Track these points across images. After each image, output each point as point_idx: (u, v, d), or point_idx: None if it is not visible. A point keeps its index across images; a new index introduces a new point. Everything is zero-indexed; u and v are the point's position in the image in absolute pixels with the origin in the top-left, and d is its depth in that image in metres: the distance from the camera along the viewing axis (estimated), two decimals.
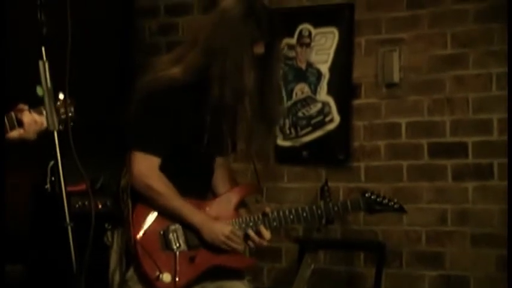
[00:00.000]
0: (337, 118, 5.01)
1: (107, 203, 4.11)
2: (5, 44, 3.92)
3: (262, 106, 3.01)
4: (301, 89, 5.13)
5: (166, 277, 2.89)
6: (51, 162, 3.99)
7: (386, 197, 3.33)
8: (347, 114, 4.99)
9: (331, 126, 5.04)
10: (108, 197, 3.99)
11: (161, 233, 2.96)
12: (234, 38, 2.92)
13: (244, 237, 3.06)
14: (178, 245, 2.96)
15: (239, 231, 3.04)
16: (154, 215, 2.97)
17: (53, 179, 4.31)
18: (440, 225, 4.72)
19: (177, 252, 2.93)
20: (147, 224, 2.95)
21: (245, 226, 3.07)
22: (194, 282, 2.98)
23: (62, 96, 2.49)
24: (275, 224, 3.10)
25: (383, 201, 3.30)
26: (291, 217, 3.13)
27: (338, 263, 5.00)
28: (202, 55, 2.95)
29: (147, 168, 2.93)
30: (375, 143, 4.93)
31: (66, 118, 2.49)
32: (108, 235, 3.01)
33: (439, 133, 4.74)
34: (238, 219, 3.07)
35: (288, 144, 5.14)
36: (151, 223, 2.96)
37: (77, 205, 4.26)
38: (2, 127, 2.51)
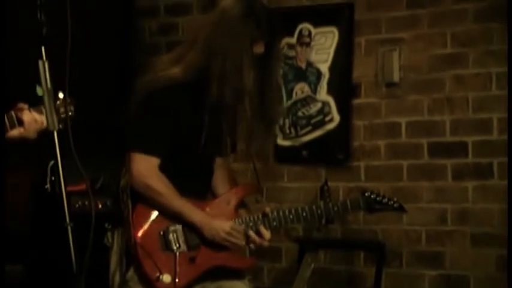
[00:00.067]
0: (337, 118, 5.01)
1: (107, 203, 4.11)
2: (5, 44, 3.91)
3: (262, 106, 3.01)
4: (301, 89, 5.13)
5: (167, 278, 2.89)
6: (51, 162, 3.99)
7: (386, 196, 3.33)
8: (347, 114, 4.99)
9: (331, 126, 5.04)
10: (108, 197, 3.98)
11: (161, 233, 2.96)
12: (233, 37, 2.92)
13: (245, 235, 3.07)
14: (178, 245, 2.96)
15: (239, 227, 3.04)
16: (154, 216, 2.97)
17: (53, 178, 4.30)
18: (440, 224, 4.72)
19: (177, 253, 2.93)
20: (147, 224, 2.95)
21: (245, 226, 3.07)
22: (194, 282, 2.98)
23: (61, 96, 2.49)
24: (275, 224, 3.10)
25: (383, 201, 3.30)
26: (291, 217, 3.13)
27: (338, 263, 5.00)
28: (202, 55, 2.95)
29: (147, 168, 2.93)
30: (374, 143, 4.92)
31: (66, 117, 2.49)
32: (108, 236, 3.01)
33: (439, 133, 4.74)
34: (238, 219, 3.07)
35: (287, 143, 5.14)
36: (151, 223, 2.96)
37: (77, 205, 4.25)
38: (2, 127, 2.51)
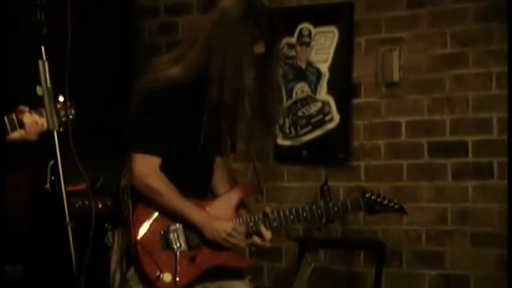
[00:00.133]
0: (337, 117, 5.01)
1: (107, 202, 4.11)
2: (5, 44, 3.92)
3: (261, 106, 3.01)
4: (301, 88, 5.13)
5: (167, 277, 2.89)
6: (51, 162, 3.99)
7: (387, 198, 3.33)
8: (347, 114, 4.98)
9: (331, 126, 5.03)
10: (108, 196, 3.98)
11: (162, 233, 2.96)
12: (233, 37, 2.92)
13: (245, 236, 3.07)
14: (179, 244, 2.96)
15: (240, 228, 3.04)
16: (154, 215, 2.97)
17: (53, 178, 4.30)
18: (440, 224, 4.71)
19: (178, 252, 2.93)
20: (147, 223, 2.95)
21: (245, 226, 3.07)
22: (195, 282, 2.98)
23: (62, 99, 2.49)
24: (275, 224, 3.11)
25: (383, 202, 3.30)
26: (291, 217, 3.13)
27: (338, 262, 4.99)
28: (202, 55, 2.95)
29: (148, 168, 2.93)
30: (374, 142, 4.92)
31: (67, 121, 2.49)
32: (109, 235, 3.01)
33: (439, 132, 4.74)
34: (238, 219, 3.07)
35: (287, 143, 5.14)
36: (151, 223, 2.96)
37: (77, 205, 4.25)
38: (2, 127, 2.51)
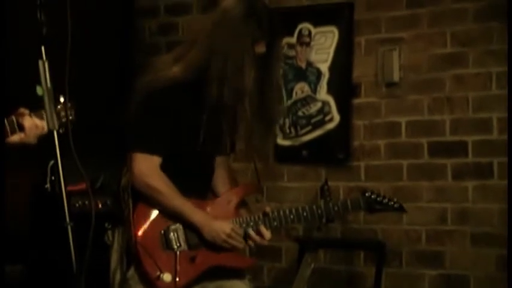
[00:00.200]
0: (337, 117, 5.01)
1: (107, 202, 4.11)
2: (5, 44, 3.92)
3: (262, 106, 3.00)
4: (301, 88, 5.13)
5: (167, 277, 2.89)
6: (51, 162, 3.99)
7: (387, 197, 3.33)
8: (347, 114, 4.98)
9: (331, 126, 5.03)
10: (108, 196, 3.98)
11: (162, 232, 2.96)
12: (234, 37, 2.92)
13: (244, 237, 3.07)
14: (179, 244, 2.96)
15: (240, 229, 3.04)
16: (155, 215, 2.97)
17: (53, 178, 4.30)
18: (440, 224, 4.71)
19: (178, 252, 2.93)
20: (147, 223, 2.96)
21: (245, 226, 3.07)
22: (194, 282, 2.98)
23: (62, 100, 2.49)
24: (275, 223, 3.10)
25: (383, 201, 3.30)
26: (292, 217, 3.13)
27: (338, 262, 4.99)
28: (203, 54, 2.95)
29: (148, 168, 2.93)
30: (374, 142, 4.92)
31: (67, 122, 2.49)
32: (109, 234, 3.01)
33: (439, 132, 4.74)
34: (238, 219, 3.07)
35: (287, 143, 5.14)
36: (152, 222, 2.96)
37: (77, 205, 4.25)
38: (2, 127, 2.50)
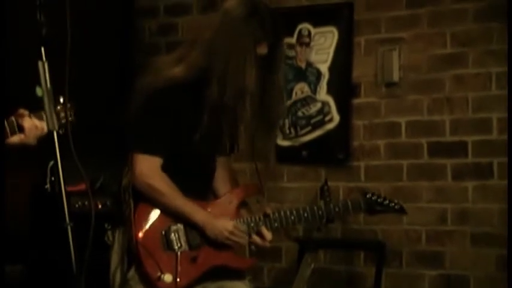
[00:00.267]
0: (337, 117, 5.01)
1: (107, 202, 4.11)
2: (5, 44, 3.91)
3: (263, 106, 3.00)
4: (301, 89, 5.13)
5: (168, 277, 2.89)
6: (51, 163, 3.98)
7: (387, 198, 3.33)
8: (347, 114, 4.98)
9: (330, 126, 5.03)
10: (108, 197, 3.98)
11: (163, 233, 2.96)
12: (236, 38, 2.91)
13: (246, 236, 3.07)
14: (180, 245, 2.96)
15: (242, 226, 3.04)
16: (156, 215, 2.97)
17: (53, 179, 4.30)
18: (440, 224, 4.71)
19: (179, 253, 2.92)
20: (148, 223, 2.95)
21: (246, 226, 3.07)
22: (195, 282, 2.98)
23: (62, 100, 2.48)
24: (276, 224, 3.10)
25: (384, 202, 3.30)
26: (292, 218, 3.13)
27: (338, 263, 4.99)
28: (205, 55, 2.94)
29: (149, 168, 2.92)
30: (374, 143, 4.92)
31: (67, 123, 2.49)
32: (109, 234, 3.01)
33: (438, 132, 4.74)
34: (239, 220, 3.07)
35: (287, 143, 5.14)
36: (153, 223, 2.96)
37: (76, 205, 4.25)
38: (1, 127, 2.50)
